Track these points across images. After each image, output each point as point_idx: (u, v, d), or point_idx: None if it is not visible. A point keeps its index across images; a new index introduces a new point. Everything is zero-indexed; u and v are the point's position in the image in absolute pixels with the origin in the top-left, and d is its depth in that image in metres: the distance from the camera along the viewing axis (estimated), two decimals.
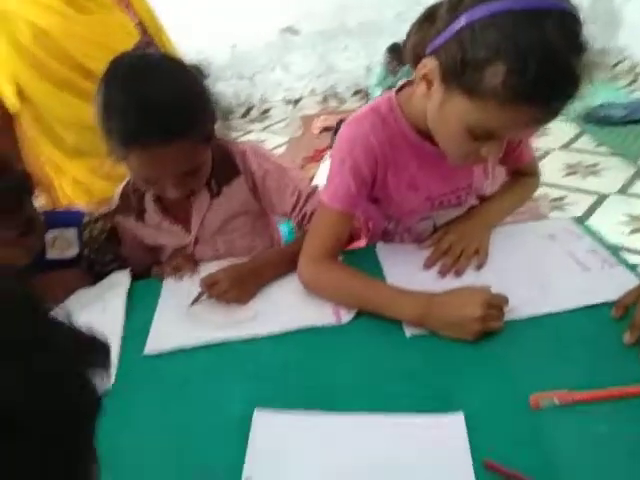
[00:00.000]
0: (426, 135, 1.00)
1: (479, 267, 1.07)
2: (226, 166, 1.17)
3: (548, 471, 0.68)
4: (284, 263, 1.11)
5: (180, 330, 1.02)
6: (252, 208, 1.22)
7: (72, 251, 1.23)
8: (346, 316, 0.98)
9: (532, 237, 1.14)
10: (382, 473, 0.71)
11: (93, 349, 0.37)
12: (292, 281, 1.07)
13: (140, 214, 1.21)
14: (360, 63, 4.40)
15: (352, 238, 1.26)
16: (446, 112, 0.87)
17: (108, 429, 0.82)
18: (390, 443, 0.74)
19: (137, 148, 0.97)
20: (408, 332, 0.92)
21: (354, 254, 1.16)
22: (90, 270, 1.26)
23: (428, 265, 1.09)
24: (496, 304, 0.90)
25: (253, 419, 0.80)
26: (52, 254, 1.22)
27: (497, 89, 0.77)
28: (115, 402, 0.86)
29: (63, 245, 1.23)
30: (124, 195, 1.23)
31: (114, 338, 1.01)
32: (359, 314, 0.98)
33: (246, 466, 0.73)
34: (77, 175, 1.55)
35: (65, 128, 1.48)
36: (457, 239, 1.11)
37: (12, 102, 1.42)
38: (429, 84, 0.87)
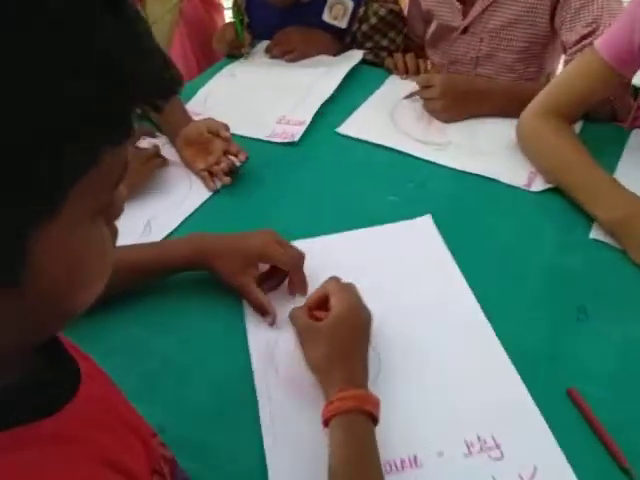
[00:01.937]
0: None
1: None
2: None
3: None
4: (509, 101, 0.96)
5: (376, 125, 1.01)
6: (539, 23, 1.06)
7: (343, 22, 1.25)
8: (538, 185, 0.85)
9: None
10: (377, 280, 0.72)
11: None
12: (505, 126, 0.94)
13: None
14: None
15: (615, 115, 1.02)
16: None
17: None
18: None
19: None
20: (593, 233, 0.77)
21: (598, 128, 0.95)
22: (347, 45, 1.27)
23: None
24: None
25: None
26: (327, 17, 1.25)
27: None
28: (294, 155, 0.97)
29: (339, 13, 1.25)
30: None
31: (319, 99, 1.06)
32: (555, 191, 0.84)
33: None
34: None
35: None
36: None
37: None
38: None
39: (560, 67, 1.19)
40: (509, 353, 0.64)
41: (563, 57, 1.09)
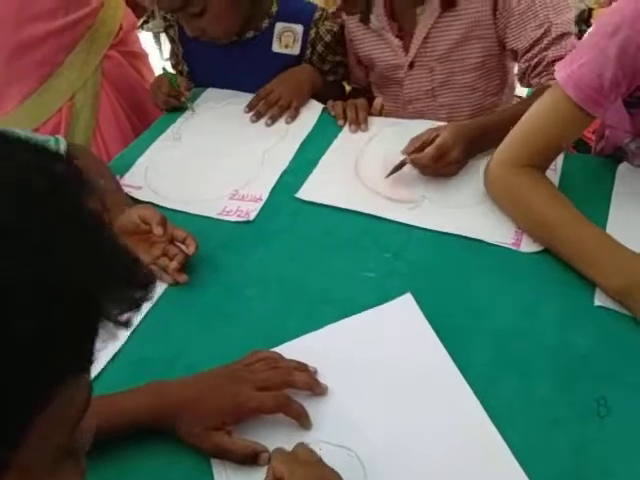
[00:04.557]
0: None
1: None
2: None
3: None
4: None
5: (340, 183, 0.90)
6: (487, 35, 0.99)
7: (295, 48, 1.14)
8: (528, 246, 0.76)
9: None
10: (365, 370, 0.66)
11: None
12: (480, 171, 0.85)
13: (366, 15, 1.05)
14: None
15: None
16: None
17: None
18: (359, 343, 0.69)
19: None
20: (598, 299, 0.69)
21: (576, 161, 0.88)
22: None
23: None
24: None
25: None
26: (277, 47, 1.15)
27: None
28: (254, 228, 0.86)
29: (289, 41, 1.15)
30: None
31: (277, 170, 0.95)
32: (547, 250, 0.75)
33: None
34: None
35: None
36: None
37: None
38: None
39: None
40: (525, 469, 0.55)
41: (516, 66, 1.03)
